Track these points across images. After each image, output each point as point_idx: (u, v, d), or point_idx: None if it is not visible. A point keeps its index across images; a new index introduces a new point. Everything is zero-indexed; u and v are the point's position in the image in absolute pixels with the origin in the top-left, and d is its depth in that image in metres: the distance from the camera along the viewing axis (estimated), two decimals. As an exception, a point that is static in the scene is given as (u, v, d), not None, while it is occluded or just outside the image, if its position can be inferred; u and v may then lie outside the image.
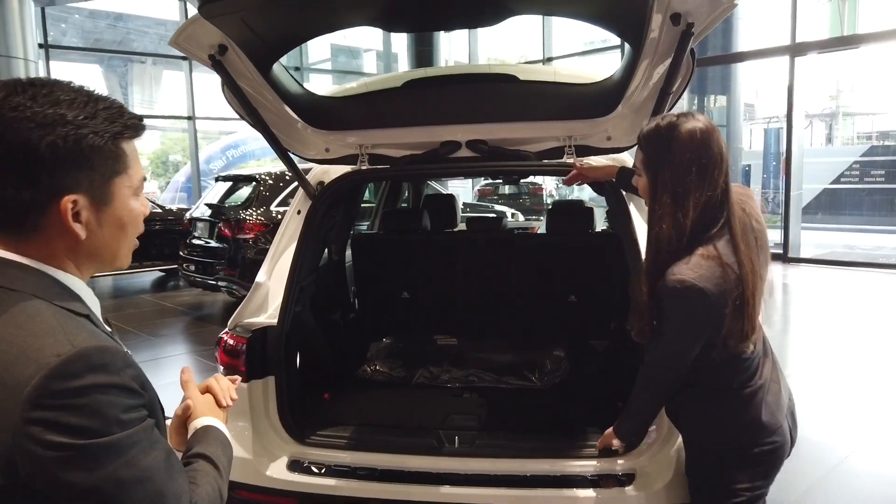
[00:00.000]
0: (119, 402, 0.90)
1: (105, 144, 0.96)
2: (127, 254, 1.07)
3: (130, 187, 1.02)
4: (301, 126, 2.58)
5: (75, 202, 0.95)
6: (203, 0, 1.74)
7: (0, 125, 0.90)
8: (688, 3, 1.86)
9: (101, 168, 0.97)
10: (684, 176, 1.63)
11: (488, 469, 2.31)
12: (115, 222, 1.01)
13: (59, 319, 0.92)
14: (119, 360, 0.92)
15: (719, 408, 1.79)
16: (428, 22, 2.76)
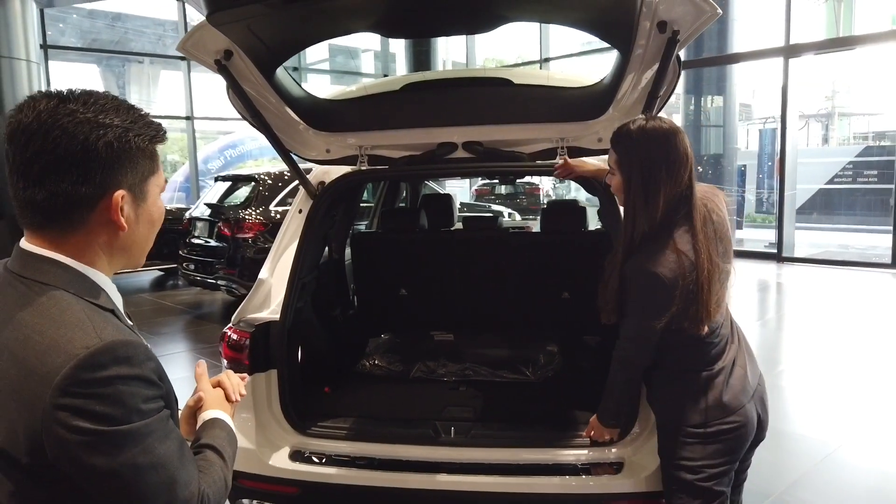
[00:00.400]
0: (140, 393, 0.97)
1: (147, 146, 1.06)
2: (147, 249, 1.16)
3: (159, 186, 1.12)
4: (303, 128, 2.67)
5: (123, 197, 1.04)
6: (211, 9, 1.83)
7: (57, 129, 0.99)
8: (673, 12, 1.95)
9: (142, 167, 1.06)
10: (656, 174, 1.78)
11: (482, 458, 2.40)
12: (148, 218, 1.11)
13: (87, 313, 0.99)
14: (141, 354, 1.00)
15: (682, 389, 1.92)
16: (426, 29, 2.85)
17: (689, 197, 1.82)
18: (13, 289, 1.03)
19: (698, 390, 1.89)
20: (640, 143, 1.81)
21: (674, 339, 1.86)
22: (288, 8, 1.87)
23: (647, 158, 1.79)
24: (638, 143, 1.81)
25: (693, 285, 1.77)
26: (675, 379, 1.95)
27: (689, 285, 1.77)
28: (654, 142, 1.80)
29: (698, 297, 1.78)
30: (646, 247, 1.82)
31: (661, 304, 1.79)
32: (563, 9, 2.13)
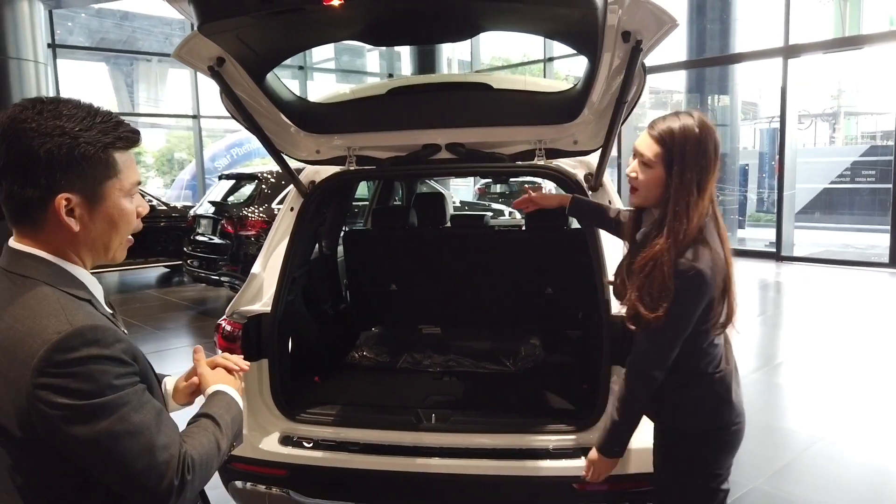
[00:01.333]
0: (110, 370, 1.08)
1: (95, 153, 1.13)
2: (119, 247, 1.24)
3: (121, 190, 1.18)
4: (294, 130, 2.80)
5: (69, 200, 1.12)
6: (201, 20, 1.96)
7: (11, 134, 1.10)
8: (635, 23, 2.06)
9: (92, 172, 1.14)
10: (710, 172, 1.80)
11: (461, 443, 2.54)
12: (106, 219, 1.18)
13: (62, 303, 1.11)
14: (110, 336, 1.10)
15: (699, 392, 1.90)
16: (407, 38, 2.98)
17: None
18: (2, 283, 1.15)
19: (714, 393, 1.90)
20: (696, 139, 1.79)
21: (692, 341, 1.85)
22: (273, 19, 1.99)
23: (702, 154, 1.79)
24: (695, 140, 1.79)
25: (724, 283, 1.80)
26: (691, 382, 1.91)
27: (722, 284, 1.79)
28: (712, 141, 1.81)
29: (728, 293, 1.82)
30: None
31: (700, 305, 1.78)
32: (532, 20, 2.26)
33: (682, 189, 1.79)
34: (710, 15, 15.79)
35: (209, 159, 17.52)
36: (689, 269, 1.76)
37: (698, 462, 1.93)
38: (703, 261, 1.76)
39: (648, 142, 1.86)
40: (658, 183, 1.84)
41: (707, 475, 1.92)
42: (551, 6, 1.94)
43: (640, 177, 1.89)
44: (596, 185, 2.79)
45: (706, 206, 1.81)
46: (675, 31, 2.08)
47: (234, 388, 1.40)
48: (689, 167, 1.79)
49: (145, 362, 1.22)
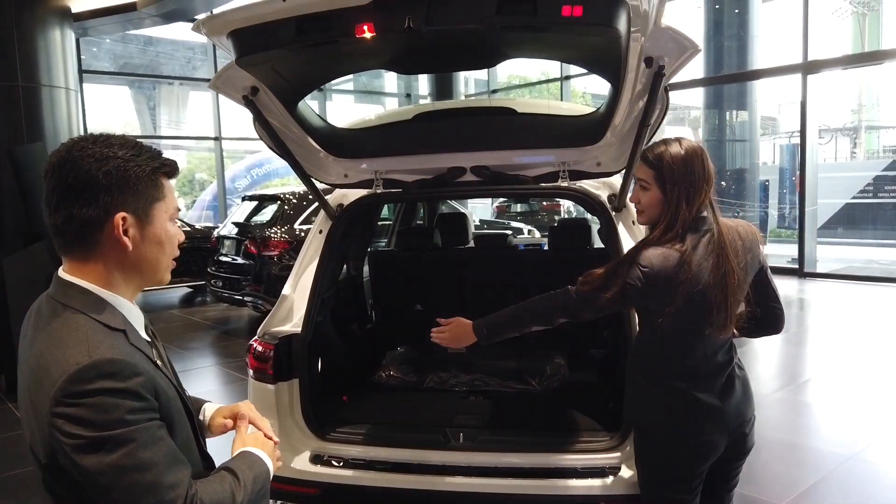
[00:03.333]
0: (124, 404, 1.11)
1: (147, 175, 1.23)
2: (166, 269, 1.31)
3: (167, 213, 1.27)
4: (323, 155, 2.88)
5: (125, 218, 1.20)
6: (239, 53, 2.05)
7: (69, 162, 1.18)
8: (658, 49, 2.11)
9: (144, 193, 1.22)
10: (698, 187, 1.99)
11: (489, 462, 2.57)
12: (155, 239, 1.26)
13: (89, 333, 1.15)
14: (128, 370, 1.13)
15: (659, 393, 2.06)
16: (434, 66, 3.06)
17: (710, 209, 2.03)
18: (45, 311, 1.22)
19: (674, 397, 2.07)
20: (687, 162, 2.00)
21: (645, 331, 2.08)
22: (307, 50, 2.07)
23: (693, 176, 1.99)
24: (685, 163, 2.00)
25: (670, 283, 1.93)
26: (644, 380, 2.13)
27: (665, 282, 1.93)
28: (698, 161, 2.01)
29: (714, 301, 1.94)
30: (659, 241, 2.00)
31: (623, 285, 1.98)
32: (557, 48, 2.32)
33: (673, 204, 1.99)
34: (728, 32, 15.84)
35: (230, 180, 17.77)
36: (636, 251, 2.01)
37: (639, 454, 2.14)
38: (652, 253, 1.96)
39: (643, 167, 2.07)
40: (657, 202, 2.03)
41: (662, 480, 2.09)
42: (576, 35, 2.00)
43: (640, 198, 2.08)
44: (620, 206, 2.83)
45: (692, 214, 1.99)
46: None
47: (266, 452, 1.41)
48: (678, 185, 1.99)
49: (173, 395, 1.26)
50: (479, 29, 1.84)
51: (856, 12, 23.65)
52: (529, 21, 1.79)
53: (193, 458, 1.31)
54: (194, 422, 1.37)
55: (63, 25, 6.88)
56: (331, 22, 1.87)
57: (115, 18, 9.12)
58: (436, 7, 1.78)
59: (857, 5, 23.46)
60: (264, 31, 1.95)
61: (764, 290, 2.16)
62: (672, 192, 1.99)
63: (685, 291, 1.92)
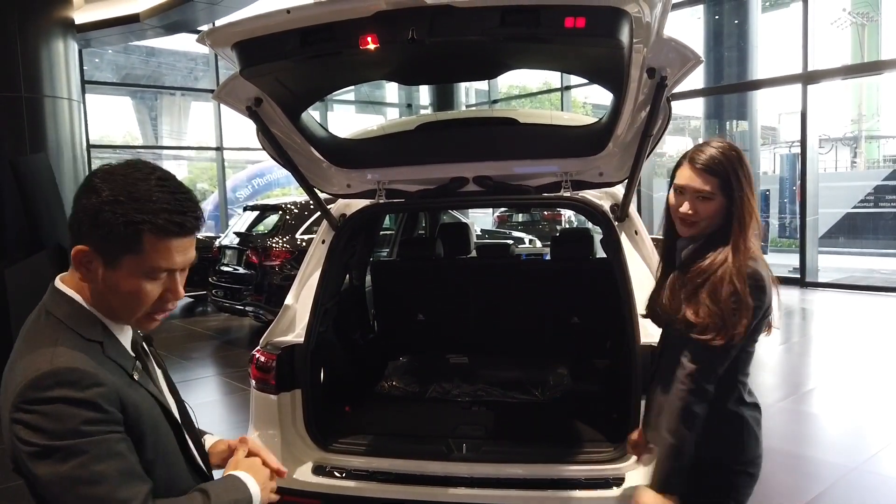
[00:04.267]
0: (80, 414, 1.08)
1: (119, 224, 1.15)
2: (128, 318, 1.25)
3: (140, 268, 1.18)
4: (326, 165, 2.88)
5: (85, 252, 1.17)
6: (243, 65, 2.06)
7: (85, 181, 1.21)
8: (661, 60, 2.13)
9: (114, 240, 1.16)
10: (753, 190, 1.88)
11: (492, 473, 2.56)
12: (113, 286, 1.19)
13: (60, 341, 1.15)
14: (87, 380, 1.11)
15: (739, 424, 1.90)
16: (437, 77, 3.08)
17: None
18: (32, 317, 1.23)
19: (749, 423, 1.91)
20: (741, 165, 1.86)
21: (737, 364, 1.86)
22: (311, 61, 2.08)
23: (748, 178, 1.86)
24: (740, 166, 1.86)
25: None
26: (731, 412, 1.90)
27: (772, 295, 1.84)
28: (744, 156, 1.90)
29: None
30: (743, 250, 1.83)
31: (760, 312, 1.80)
32: (559, 59, 2.33)
33: (744, 207, 1.84)
34: (728, 42, 15.91)
35: (230, 190, 17.78)
36: (755, 272, 1.80)
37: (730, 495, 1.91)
38: (762, 267, 1.82)
39: (700, 176, 1.85)
40: (720, 211, 1.86)
41: None
42: (579, 46, 2.01)
43: (699, 210, 1.87)
44: (622, 216, 2.83)
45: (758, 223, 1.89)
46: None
47: (257, 480, 1.34)
48: (741, 191, 1.84)
49: (149, 409, 1.23)
50: (483, 40, 1.85)
51: (855, 23, 23.75)
52: (532, 32, 1.80)
53: (176, 474, 1.29)
54: (184, 436, 1.34)
55: (66, 37, 6.91)
56: (335, 33, 1.88)
57: (119, 30, 9.17)
58: (439, 18, 1.79)
59: (857, 16, 23.57)
60: (268, 43, 1.96)
61: None
62: (741, 197, 1.84)
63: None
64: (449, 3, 1.76)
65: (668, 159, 21.81)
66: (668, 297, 1.92)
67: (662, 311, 1.95)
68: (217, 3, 9.07)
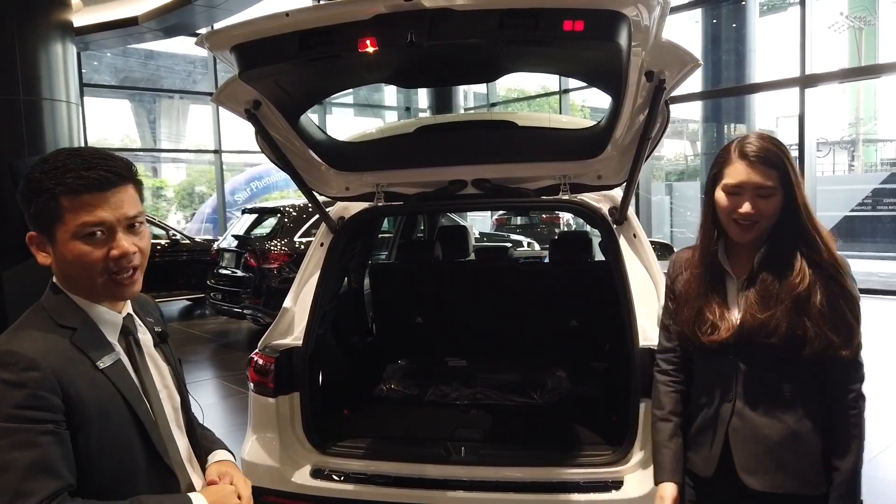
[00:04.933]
0: (10, 396, 1.11)
1: (40, 198, 1.21)
2: (94, 287, 1.26)
3: (66, 232, 1.22)
4: (324, 168, 2.88)
5: (32, 236, 1.26)
6: (242, 67, 2.06)
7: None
8: (659, 63, 2.13)
9: (42, 214, 1.22)
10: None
11: (491, 476, 2.55)
12: (62, 258, 1.24)
13: (23, 327, 1.22)
14: (23, 363, 1.13)
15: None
16: (436, 80, 3.08)
17: None
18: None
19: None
20: (789, 158, 1.69)
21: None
22: (309, 64, 2.08)
23: (794, 165, 1.71)
24: (789, 159, 1.69)
25: None
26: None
27: None
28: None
29: None
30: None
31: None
32: (558, 62, 2.34)
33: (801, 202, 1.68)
34: (726, 46, 15.94)
35: (229, 192, 17.77)
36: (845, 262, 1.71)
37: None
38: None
39: (759, 170, 1.65)
40: (779, 209, 1.68)
41: None
42: (577, 49, 2.01)
43: (762, 209, 1.66)
44: (621, 219, 2.84)
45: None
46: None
47: (209, 500, 1.30)
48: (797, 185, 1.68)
49: (104, 399, 1.22)
50: (481, 43, 1.85)
51: (852, 26, 23.81)
52: (531, 36, 1.81)
53: (128, 470, 1.25)
54: (148, 434, 1.29)
55: (65, 39, 6.91)
56: (334, 36, 1.88)
57: (117, 32, 9.18)
58: (438, 22, 1.79)
59: (854, 20, 23.63)
60: (267, 46, 1.96)
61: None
62: (799, 189, 1.67)
63: None
64: (448, 7, 1.77)
65: (665, 163, 21.85)
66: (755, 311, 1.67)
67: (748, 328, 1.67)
68: (216, 7, 9.08)
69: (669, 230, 16.70)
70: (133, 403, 1.27)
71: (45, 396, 1.13)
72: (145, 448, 1.29)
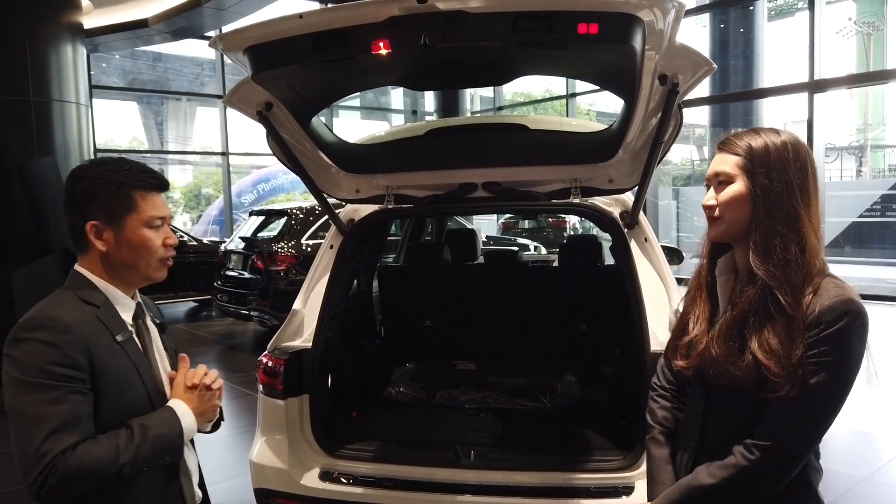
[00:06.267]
0: (46, 354, 1.29)
1: (115, 191, 1.45)
2: (148, 268, 1.50)
3: (140, 221, 1.47)
4: (335, 170, 2.88)
5: (95, 226, 1.45)
6: (255, 69, 2.06)
7: (69, 181, 1.47)
8: (673, 66, 2.12)
9: (114, 206, 1.45)
10: (808, 182, 1.48)
11: (500, 480, 2.54)
12: (128, 244, 1.47)
13: (56, 300, 1.40)
14: (59, 326, 1.32)
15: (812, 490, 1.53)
16: (447, 83, 3.08)
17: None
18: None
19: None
20: (783, 144, 1.46)
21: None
22: (322, 66, 2.08)
23: (791, 159, 1.46)
24: (781, 145, 1.46)
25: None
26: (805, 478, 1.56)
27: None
28: (794, 144, 1.48)
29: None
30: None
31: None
32: (570, 65, 2.33)
33: (783, 197, 1.41)
34: (734, 51, 15.91)
35: (235, 195, 17.81)
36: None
37: None
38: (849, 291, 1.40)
39: (720, 157, 1.48)
40: (744, 202, 1.45)
41: None
42: (591, 52, 2.00)
43: (719, 199, 1.46)
44: (632, 223, 2.82)
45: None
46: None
47: (191, 406, 1.52)
48: (784, 169, 1.42)
49: (122, 370, 1.41)
50: (495, 46, 1.84)
51: (861, 32, 23.72)
52: (545, 38, 1.79)
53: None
54: (152, 401, 1.48)
55: (75, 41, 6.93)
56: (347, 38, 1.88)
57: (127, 35, 9.22)
58: (452, 24, 1.78)
59: (862, 25, 23.54)
60: (281, 47, 1.96)
61: None
62: (787, 191, 1.45)
63: None
64: (461, 9, 1.76)
65: (672, 167, 21.79)
66: (716, 340, 1.44)
67: (709, 362, 1.44)
68: (225, 9, 9.10)
69: (676, 234, 16.66)
70: (144, 376, 1.47)
71: (75, 357, 1.32)
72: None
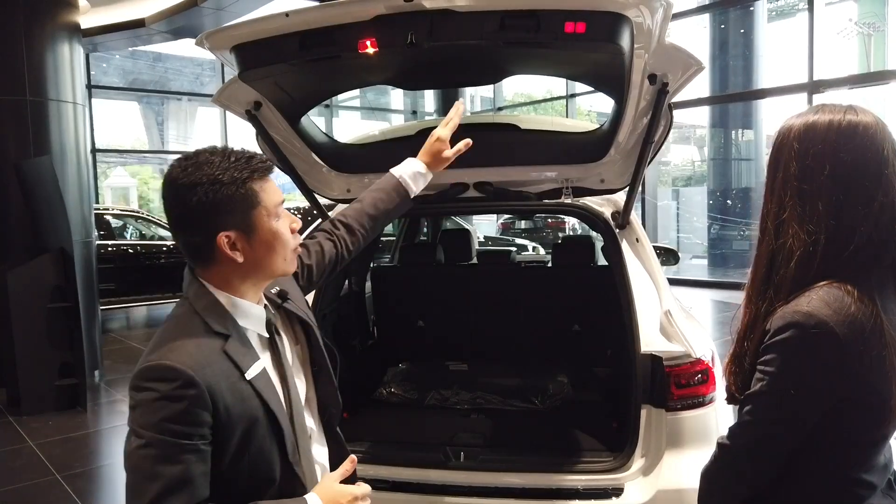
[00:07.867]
0: (164, 410, 1.15)
1: (234, 192, 1.24)
2: (284, 262, 1.34)
3: (267, 214, 1.28)
4: (325, 170, 2.87)
5: (228, 237, 1.24)
6: (242, 68, 2.05)
7: (171, 194, 1.25)
8: (662, 66, 2.11)
9: (240, 207, 1.25)
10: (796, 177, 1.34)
11: (490, 482, 2.52)
12: (263, 244, 1.29)
13: (182, 335, 1.22)
14: (183, 379, 1.16)
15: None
16: (437, 82, 3.07)
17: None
18: (179, 303, 1.32)
19: None
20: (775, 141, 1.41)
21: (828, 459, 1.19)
22: (310, 65, 2.07)
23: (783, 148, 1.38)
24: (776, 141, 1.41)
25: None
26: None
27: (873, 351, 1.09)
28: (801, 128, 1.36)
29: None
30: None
31: (822, 376, 1.10)
32: (560, 65, 2.32)
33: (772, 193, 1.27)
34: (733, 51, 15.90)
35: (235, 195, 17.78)
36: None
37: None
38: (814, 304, 1.12)
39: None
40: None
41: None
42: (579, 51, 1.99)
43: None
44: (623, 223, 2.81)
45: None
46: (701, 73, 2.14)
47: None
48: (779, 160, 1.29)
49: (252, 409, 1.24)
50: (482, 45, 1.84)
51: (861, 32, 23.72)
52: (532, 37, 1.79)
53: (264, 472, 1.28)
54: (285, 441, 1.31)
55: (72, 41, 6.93)
56: (334, 37, 1.88)
57: (125, 34, 9.19)
58: (438, 23, 1.78)
59: (863, 26, 23.53)
60: (268, 46, 1.96)
61: None
62: (778, 177, 1.36)
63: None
64: (448, 7, 1.75)
65: (672, 168, 21.79)
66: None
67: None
68: (223, 9, 9.08)
69: (676, 235, 16.66)
70: (278, 415, 1.30)
71: (197, 413, 1.17)
72: (282, 460, 1.32)
